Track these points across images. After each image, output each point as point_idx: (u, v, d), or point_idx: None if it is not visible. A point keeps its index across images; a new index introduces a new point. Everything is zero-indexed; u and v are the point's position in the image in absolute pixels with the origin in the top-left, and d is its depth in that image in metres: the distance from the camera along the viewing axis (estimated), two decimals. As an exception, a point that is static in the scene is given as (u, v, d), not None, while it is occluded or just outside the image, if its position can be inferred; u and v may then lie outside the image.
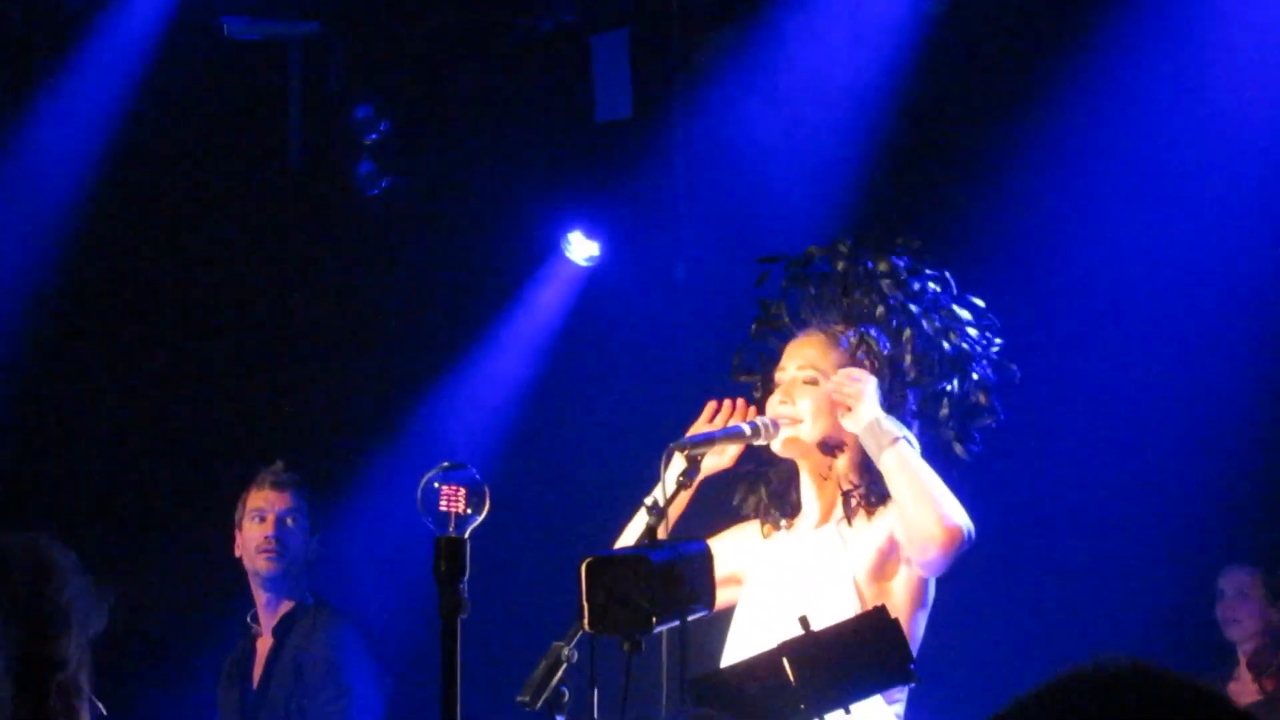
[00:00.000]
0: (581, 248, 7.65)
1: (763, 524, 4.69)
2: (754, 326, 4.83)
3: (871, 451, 4.40)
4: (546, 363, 7.74)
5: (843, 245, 4.74)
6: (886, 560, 4.45)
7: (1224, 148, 6.64)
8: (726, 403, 4.71)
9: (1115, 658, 1.52)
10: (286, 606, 6.17)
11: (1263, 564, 6.76)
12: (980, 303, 4.73)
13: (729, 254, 7.01)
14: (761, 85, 7.25)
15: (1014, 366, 4.72)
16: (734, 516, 4.79)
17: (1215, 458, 6.63)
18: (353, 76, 7.86)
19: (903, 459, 4.36)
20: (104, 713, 2.57)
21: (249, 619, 6.23)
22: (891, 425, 4.40)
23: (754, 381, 4.78)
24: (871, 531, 4.47)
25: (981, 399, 4.64)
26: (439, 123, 7.86)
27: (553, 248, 7.70)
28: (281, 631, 6.14)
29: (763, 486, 4.71)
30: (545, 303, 7.75)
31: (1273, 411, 6.68)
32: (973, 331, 4.67)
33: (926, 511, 4.29)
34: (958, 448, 4.60)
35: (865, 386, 4.45)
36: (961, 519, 4.31)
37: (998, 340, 4.70)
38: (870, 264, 4.68)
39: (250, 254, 8.07)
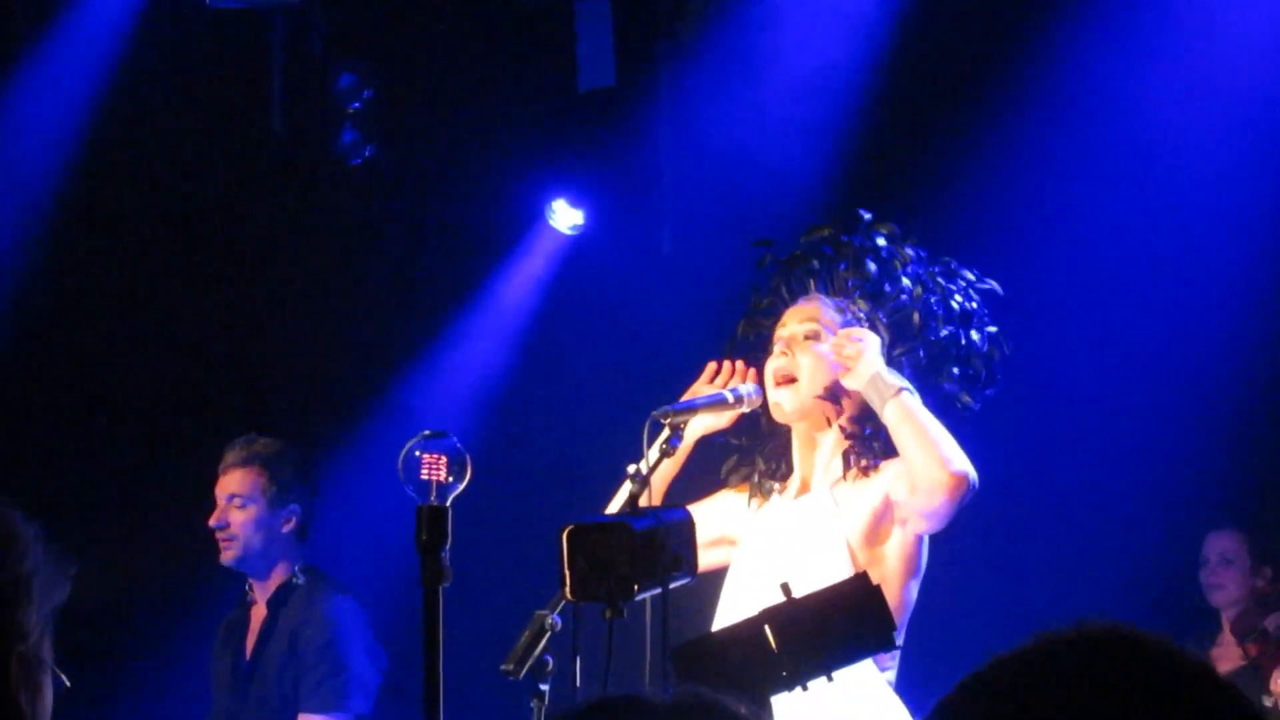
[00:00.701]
0: (566, 216, 7.63)
1: (751, 495, 4.69)
2: (742, 324, 4.83)
3: (874, 404, 4.44)
4: (530, 330, 7.73)
5: (848, 219, 4.76)
6: (880, 523, 4.46)
7: (1207, 118, 6.63)
8: (727, 364, 4.73)
9: (1097, 620, 1.52)
10: (278, 579, 6.13)
11: (1246, 528, 6.76)
12: (976, 272, 4.77)
13: (714, 222, 7.01)
14: (747, 54, 7.23)
15: (1008, 341, 4.75)
16: (721, 479, 4.80)
17: (1200, 422, 6.63)
18: (336, 45, 7.83)
19: (906, 408, 4.39)
20: (67, 684, 2.55)
21: (246, 587, 6.21)
22: (893, 377, 4.44)
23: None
24: (865, 494, 4.48)
25: (982, 363, 4.66)
26: (422, 91, 7.83)
27: (537, 216, 7.68)
28: (276, 603, 6.10)
29: (758, 458, 4.72)
30: (529, 271, 7.73)
31: (1259, 376, 6.68)
32: (972, 305, 4.71)
33: (932, 458, 4.33)
34: (965, 397, 4.63)
35: (866, 344, 4.47)
36: (966, 465, 4.37)
37: (992, 328, 4.73)
38: (875, 233, 4.70)
39: (233, 223, 8.05)
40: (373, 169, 7.83)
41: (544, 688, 3.88)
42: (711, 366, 4.75)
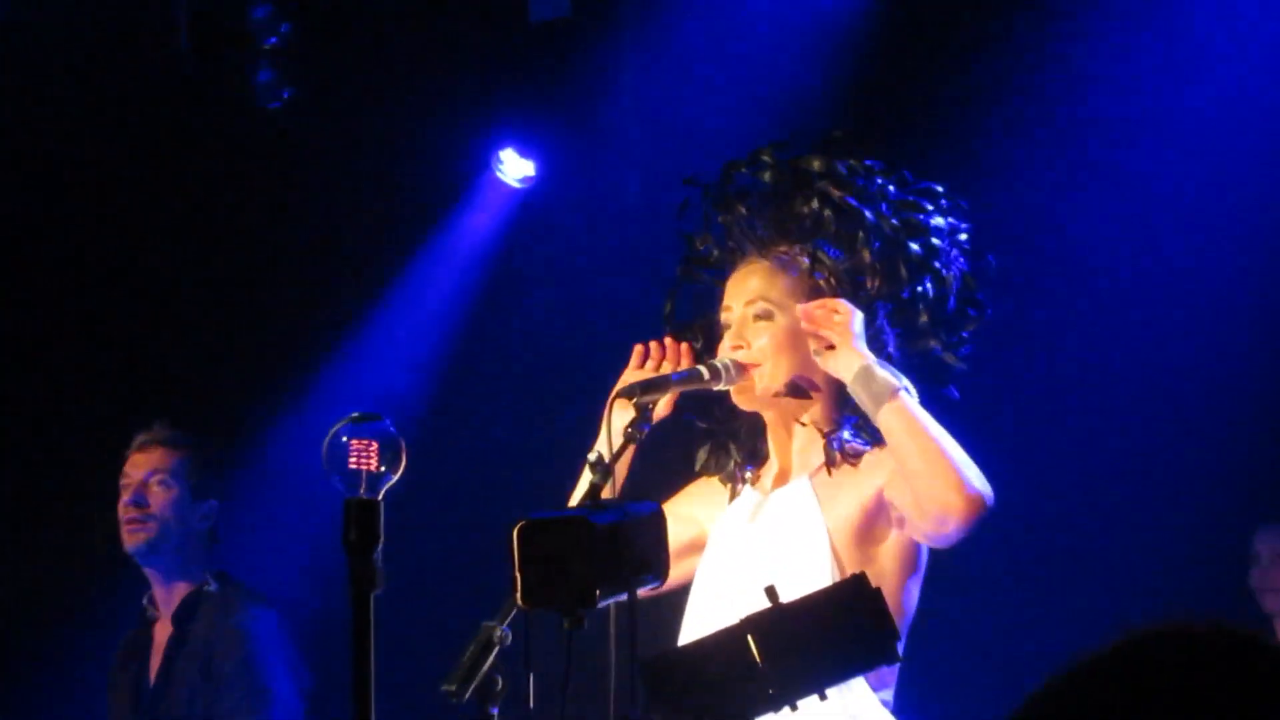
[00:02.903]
0: (515, 167, 7.63)
1: (732, 489, 4.63)
2: (680, 269, 4.76)
3: (866, 406, 4.29)
4: (475, 298, 7.72)
5: (765, 153, 4.66)
6: (874, 523, 4.37)
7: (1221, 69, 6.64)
8: (654, 345, 4.66)
9: (1190, 617, 1.56)
10: (185, 588, 6.13)
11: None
12: (939, 188, 4.64)
13: (687, 172, 6.98)
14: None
15: (990, 256, 4.66)
16: (688, 475, 4.75)
17: (1244, 404, 6.63)
18: (249, -29, 7.81)
19: (908, 416, 4.24)
20: None
21: (145, 600, 6.20)
22: (887, 374, 4.29)
23: (693, 334, 4.71)
24: (854, 487, 4.39)
25: (963, 295, 4.56)
26: (349, 23, 7.81)
27: (482, 167, 7.67)
28: (183, 617, 6.10)
29: (731, 444, 4.65)
30: (473, 230, 7.73)
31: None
32: (938, 221, 4.59)
33: (943, 479, 4.18)
34: (949, 357, 4.52)
35: (850, 321, 4.36)
36: (982, 484, 4.20)
37: (964, 228, 4.61)
38: (804, 167, 4.60)
39: (133, 178, 8.01)
40: (293, 114, 7.80)
41: (493, 711, 3.85)
42: (639, 350, 4.69)
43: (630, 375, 4.62)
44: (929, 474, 4.20)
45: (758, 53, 7.13)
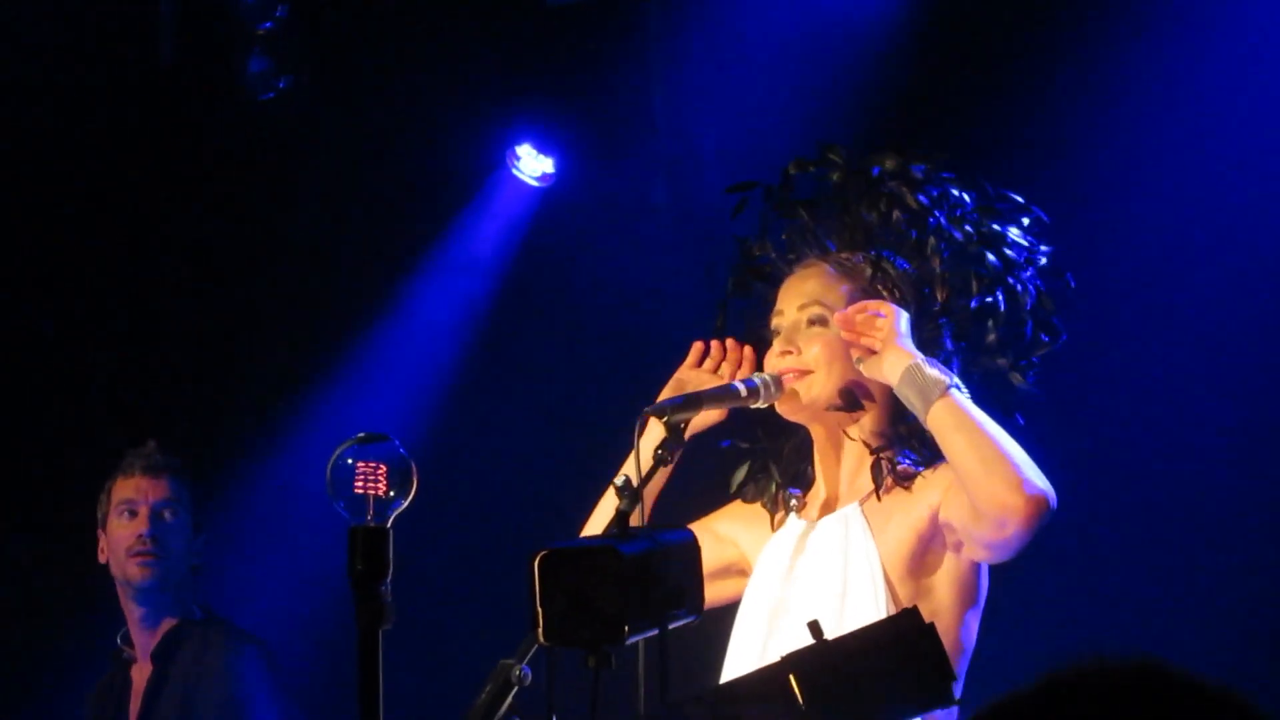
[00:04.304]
0: (532, 164, 7.64)
1: (773, 515, 4.65)
2: (732, 278, 4.78)
3: (914, 406, 4.32)
4: (490, 307, 7.73)
5: (834, 151, 4.69)
6: (928, 550, 4.38)
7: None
8: (715, 344, 4.69)
9: (1124, 655, 1.62)
10: (168, 624, 6.14)
11: None
12: (1019, 198, 4.67)
13: (719, 168, 7.00)
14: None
15: (1068, 275, 4.68)
16: (724, 498, 4.77)
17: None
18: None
19: (960, 413, 4.26)
20: None
21: (119, 640, 6.21)
22: (936, 371, 4.31)
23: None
24: (907, 511, 4.40)
25: (1037, 316, 4.58)
26: (351, 7, 7.82)
27: (497, 164, 7.68)
28: (164, 656, 6.12)
29: (773, 466, 4.66)
30: (487, 233, 7.73)
31: None
32: (1014, 234, 4.62)
33: (1001, 477, 4.18)
34: (1015, 377, 4.54)
35: (895, 322, 4.38)
36: (1044, 483, 4.20)
37: (1044, 249, 4.64)
38: (875, 169, 4.64)
39: (112, 179, 8.02)
40: (288, 107, 7.81)
41: (512, 757, 3.87)
42: (698, 347, 4.71)
43: (685, 373, 4.68)
44: (985, 472, 4.21)
45: (800, 37, 7.12)
